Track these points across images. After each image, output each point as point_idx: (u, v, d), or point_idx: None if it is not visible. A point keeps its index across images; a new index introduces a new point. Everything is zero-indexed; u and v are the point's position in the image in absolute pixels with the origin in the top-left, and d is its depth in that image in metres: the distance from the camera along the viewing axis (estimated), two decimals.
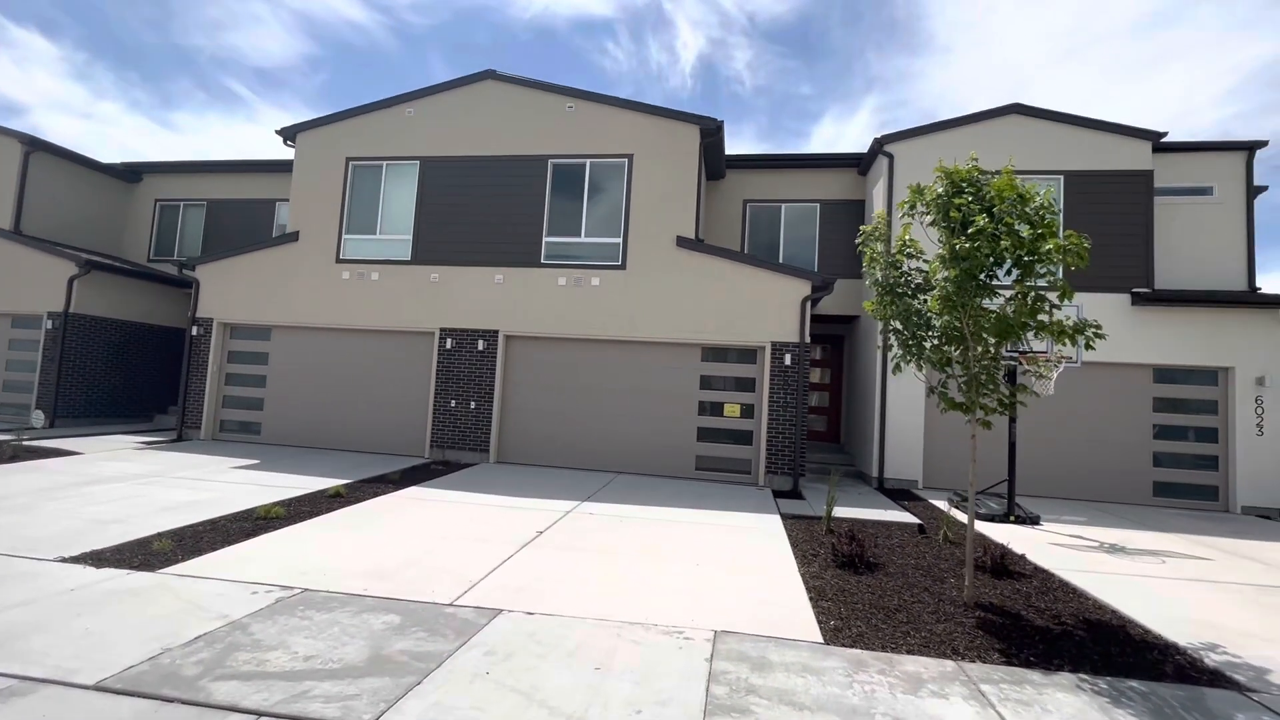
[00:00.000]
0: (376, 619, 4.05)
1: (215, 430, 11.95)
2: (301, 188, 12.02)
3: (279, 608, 4.15)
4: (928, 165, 11.04)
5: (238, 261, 12.05)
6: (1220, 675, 3.90)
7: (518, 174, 11.28)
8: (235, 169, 15.30)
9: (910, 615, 4.66)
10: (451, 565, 5.23)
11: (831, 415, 13.92)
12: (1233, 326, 10.40)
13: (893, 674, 3.66)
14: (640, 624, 4.19)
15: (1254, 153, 11.05)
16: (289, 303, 11.75)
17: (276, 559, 5.15)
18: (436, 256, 11.35)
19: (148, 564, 4.86)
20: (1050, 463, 10.50)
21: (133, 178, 15.83)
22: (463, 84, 11.68)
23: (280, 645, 3.60)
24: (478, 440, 10.89)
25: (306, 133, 12.11)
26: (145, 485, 7.57)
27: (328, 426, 11.53)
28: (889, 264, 5.24)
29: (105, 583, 4.42)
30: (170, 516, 6.22)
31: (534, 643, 3.81)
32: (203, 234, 15.37)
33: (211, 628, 3.78)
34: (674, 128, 10.97)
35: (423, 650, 3.63)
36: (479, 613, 4.24)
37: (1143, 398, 10.71)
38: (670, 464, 10.50)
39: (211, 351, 11.90)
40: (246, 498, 7.20)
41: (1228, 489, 10.29)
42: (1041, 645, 4.23)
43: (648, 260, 10.75)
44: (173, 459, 9.52)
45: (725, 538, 6.66)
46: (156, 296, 14.22)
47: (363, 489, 8.09)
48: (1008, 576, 5.75)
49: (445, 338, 11.16)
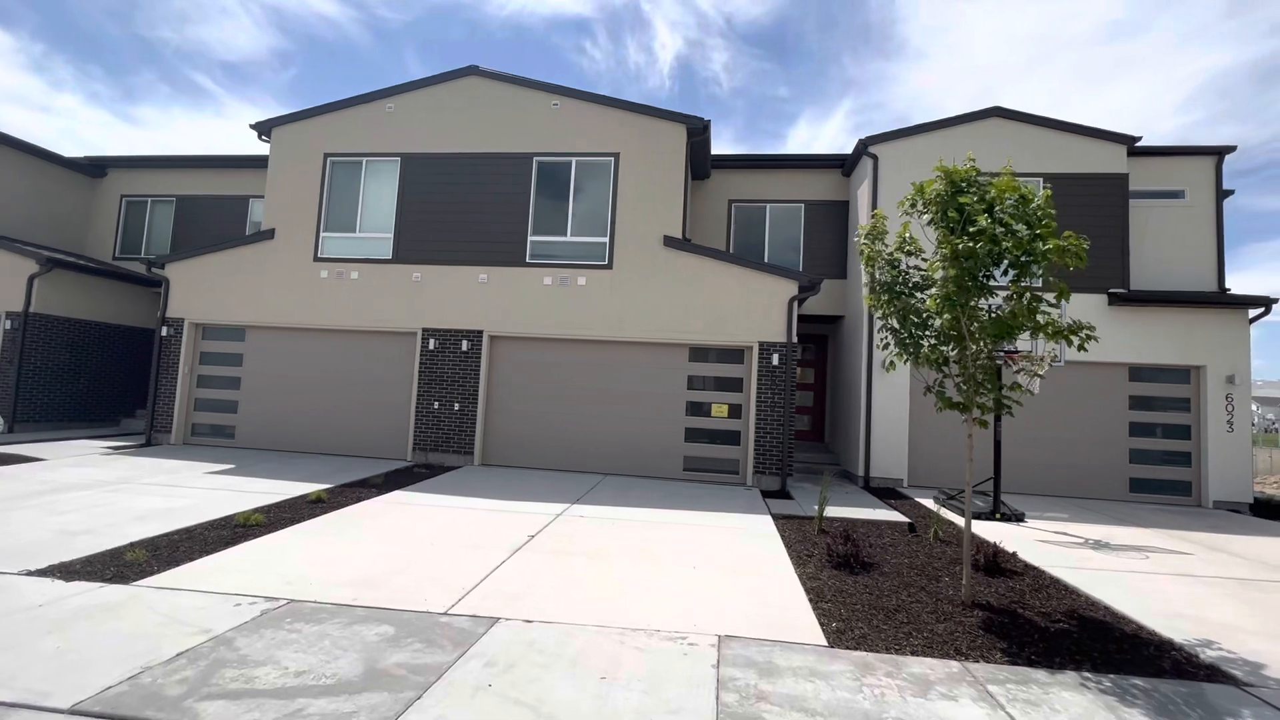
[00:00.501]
0: (369, 630, 3.90)
1: (186, 434, 11.54)
2: (277, 184, 11.68)
3: (265, 620, 3.97)
4: (912, 166, 11.29)
5: (210, 260, 11.66)
6: (1217, 670, 3.94)
7: (502, 171, 11.10)
8: (206, 164, 14.82)
9: (910, 615, 4.65)
10: (443, 572, 5.08)
11: (815, 414, 13.98)
12: (1204, 326, 10.68)
13: (900, 676, 3.63)
14: (643, 630, 4.10)
15: (1223, 157, 11.37)
16: (264, 302, 11.40)
17: (259, 568, 4.95)
18: (419, 255, 11.11)
19: (121, 576, 4.62)
20: (1031, 460, 10.67)
21: (97, 172, 15.23)
22: (445, 79, 11.46)
23: (269, 660, 3.43)
24: (462, 443, 10.68)
25: (282, 127, 11.77)
26: (114, 492, 7.25)
27: (306, 429, 11.21)
28: (888, 262, 5.23)
29: (76, 597, 4.19)
30: (143, 525, 5.95)
31: (535, 652, 3.69)
32: (172, 231, 14.84)
33: (194, 643, 3.59)
34: (660, 127, 10.89)
35: (420, 662, 3.49)
36: (475, 621, 4.11)
37: (1119, 396, 10.95)
38: (658, 465, 10.42)
39: (182, 353, 11.49)
40: (223, 504, 6.94)
41: (1200, 484, 10.57)
42: (1042, 644, 4.25)
43: (635, 260, 10.66)
44: (143, 464, 9.15)
45: (719, 539, 6.60)
46: (123, 296, 13.69)
47: (345, 494, 7.85)
48: (1001, 575, 5.78)
49: (428, 338, 10.93)
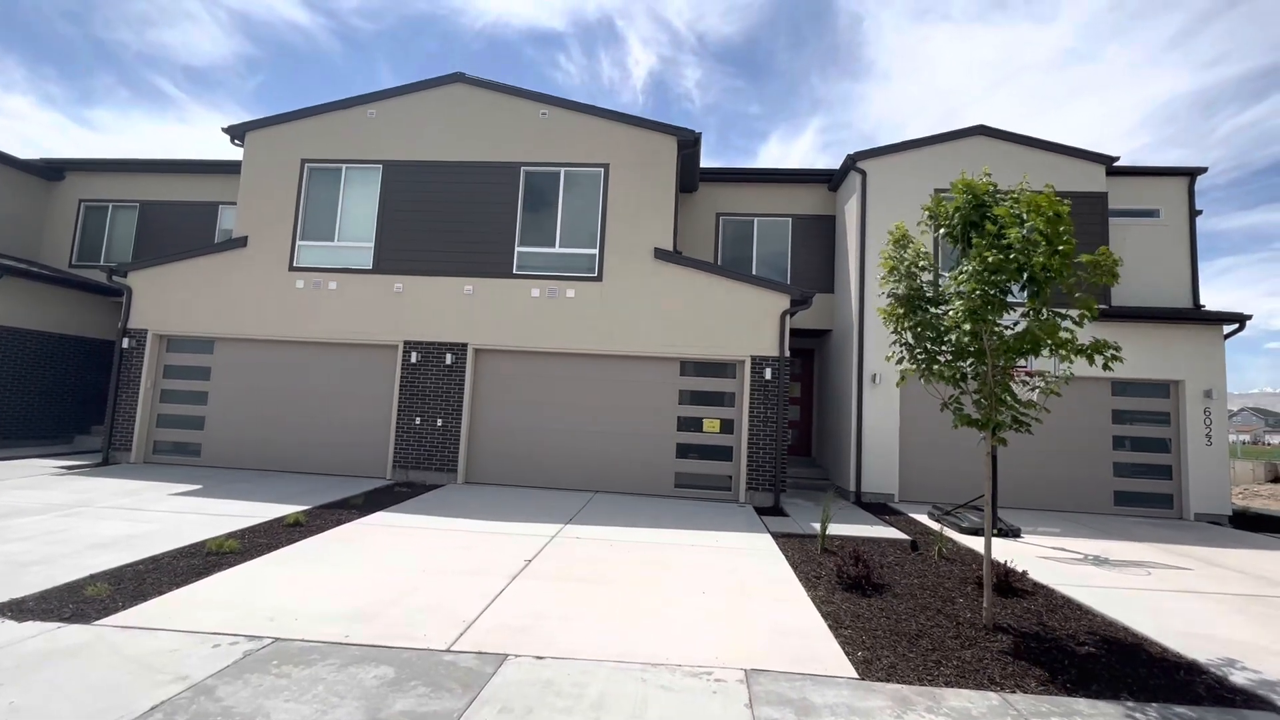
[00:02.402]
0: (366, 673, 3.55)
1: (148, 452, 10.86)
2: (251, 190, 11.18)
3: (248, 664, 3.59)
4: (900, 182, 11.37)
5: (176, 268, 11.07)
6: (1253, 696, 3.84)
7: (488, 181, 10.82)
8: (172, 169, 14.18)
9: (934, 641, 4.47)
10: (439, 602, 4.73)
11: (802, 428, 13.89)
12: (1182, 342, 10.91)
13: (941, 712, 3.43)
14: (664, 665, 3.83)
15: (1195, 178, 11.73)
16: (235, 313, 10.85)
17: (237, 602, 4.53)
18: (401, 266, 10.72)
19: (82, 614, 4.17)
20: (1019, 474, 10.69)
21: (54, 175, 14.46)
22: (429, 86, 11.16)
23: (257, 713, 3.06)
24: (445, 460, 10.26)
25: (257, 131, 11.31)
26: (70, 517, 6.69)
27: (278, 447, 10.65)
28: (906, 274, 5.13)
29: (30, 640, 3.74)
30: (104, 555, 5.45)
31: (553, 694, 3.40)
32: (134, 238, 14.14)
33: (169, 694, 3.20)
34: (651, 138, 10.77)
35: (428, 710, 3.16)
36: (482, 659, 3.79)
37: (1103, 410, 11.09)
38: (649, 482, 10.15)
39: (145, 365, 10.85)
40: (193, 529, 6.44)
41: (1182, 497, 10.73)
42: (1073, 669, 4.11)
43: (625, 272, 10.45)
44: (101, 485, 8.53)
45: (723, 560, 6.36)
46: (79, 305, 12.95)
47: (324, 516, 7.40)
48: (1013, 595, 5.66)
49: (410, 351, 10.51)
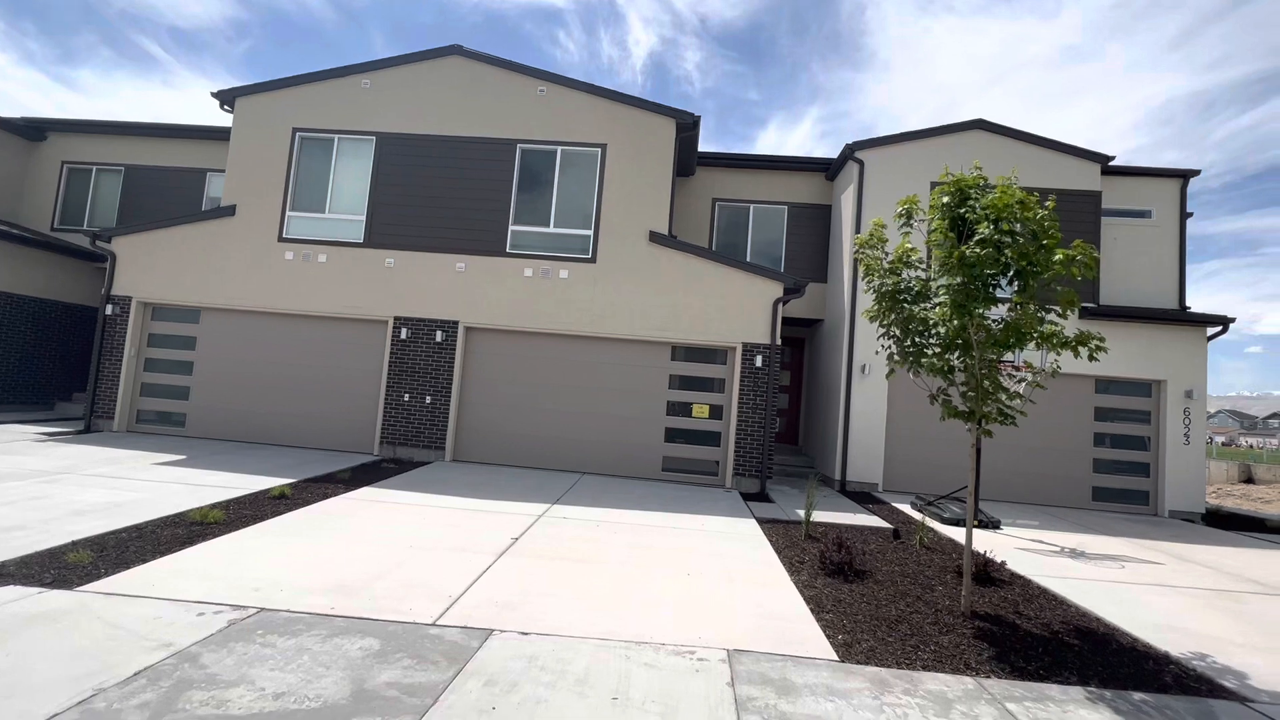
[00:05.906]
0: (352, 644, 3.56)
1: (131, 421, 10.75)
2: (240, 158, 10.97)
3: (233, 632, 3.59)
4: (897, 173, 11.36)
5: (163, 235, 10.87)
6: (1217, 686, 3.96)
7: (483, 157, 10.68)
8: (160, 133, 13.85)
9: (913, 627, 4.56)
10: (426, 577, 4.75)
11: (790, 417, 13.99)
12: (1166, 342, 11.06)
13: (918, 694, 3.51)
14: (648, 643, 3.87)
15: (1188, 180, 11.82)
16: (222, 283, 10.70)
17: (222, 572, 4.52)
18: (392, 240, 10.59)
19: (64, 580, 4.14)
20: (1001, 468, 10.86)
21: (35, 135, 14.09)
22: (425, 58, 10.95)
23: (242, 680, 3.07)
24: (433, 437, 10.24)
25: (247, 98, 11.06)
26: (51, 484, 6.62)
27: (264, 419, 10.58)
28: (888, 271, 5.15)
29: (11, 605, 3.72)
30: (86, 521, 5.41)
31: (537, 669, 3.43)
32: (119, 203, 13.84)
33: (153, 660, 3.20)
34: (650, 120, 10.66)
35: (413, 682, 3.19)
36: (468, 634, 3.82)
37: (1085, 407, 11.25)
38: (637, 465, 10.20)
39: (129, 333, 10.69)
40: (177, 499, 6.40)
41: (1158, 494, 10.95)
42: (1046, 657, 4.21)
43: (619, 254, 10.40)
44: (83, 453, 8.44)
45: (708, 544, 6.43)
46: (61, 270, 12.70)
47: (310, 489, 7.38)
48: (991, 584, 5.77)
49: (400, 327, 10.43)
